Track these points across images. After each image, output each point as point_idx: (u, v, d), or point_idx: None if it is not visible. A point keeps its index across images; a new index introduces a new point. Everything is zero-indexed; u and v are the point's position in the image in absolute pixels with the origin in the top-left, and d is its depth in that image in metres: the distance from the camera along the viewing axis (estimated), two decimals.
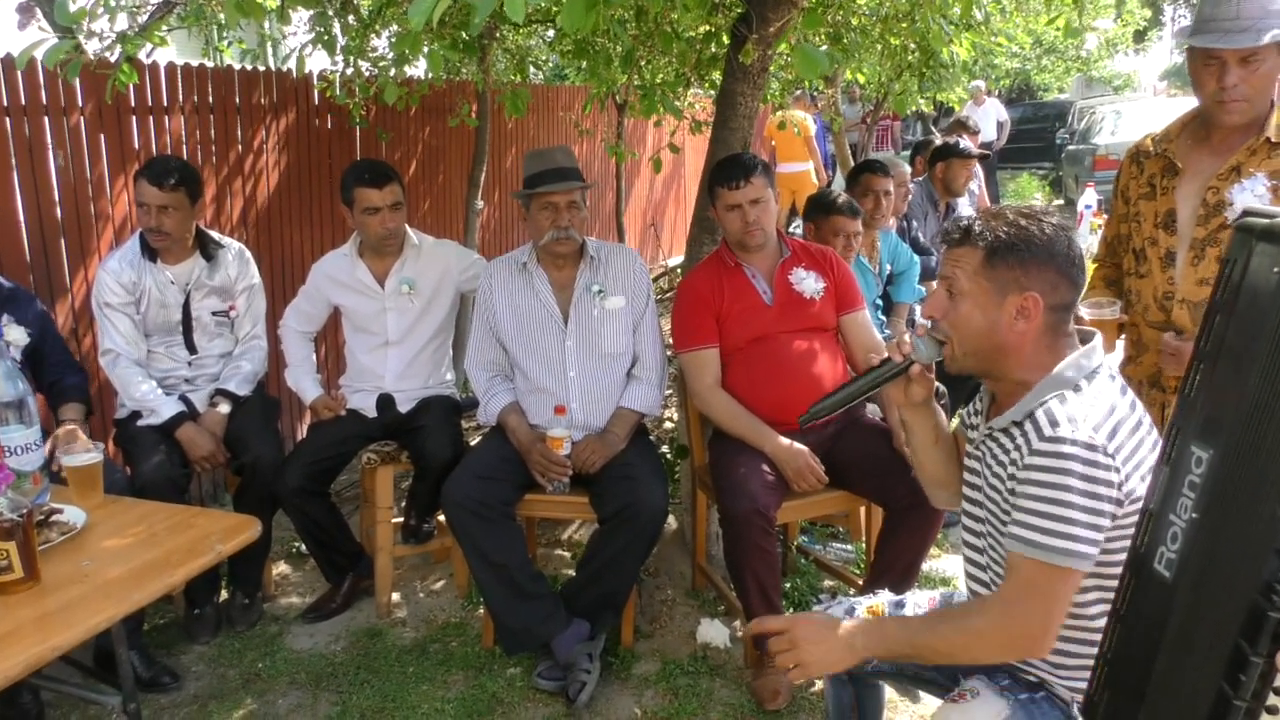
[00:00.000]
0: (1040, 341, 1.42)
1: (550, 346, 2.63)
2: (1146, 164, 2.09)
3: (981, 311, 1.41)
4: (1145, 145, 2.12)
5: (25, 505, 1.62)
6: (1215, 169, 1.96)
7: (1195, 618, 0.82)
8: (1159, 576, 0.84)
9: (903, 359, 1.55)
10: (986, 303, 1.41)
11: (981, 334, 1.42)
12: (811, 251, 2.68)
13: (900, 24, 4.02)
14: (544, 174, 2.56)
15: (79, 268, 3.20)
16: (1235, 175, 1.94)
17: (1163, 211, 2.00)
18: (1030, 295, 1.38)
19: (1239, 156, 1.94)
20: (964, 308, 1.43)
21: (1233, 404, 0.79)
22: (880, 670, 1.77)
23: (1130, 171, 2.13)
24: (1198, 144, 2.01)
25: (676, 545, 3.18)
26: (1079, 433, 1.30)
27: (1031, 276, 1.39)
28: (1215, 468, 0.80)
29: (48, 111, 3.06)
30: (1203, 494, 0.81)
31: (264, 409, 2.88)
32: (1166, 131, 2.07)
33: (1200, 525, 0.81)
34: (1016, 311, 1.40)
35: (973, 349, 1.45)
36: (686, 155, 8.16)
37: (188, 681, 2.55)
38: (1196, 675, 0.81)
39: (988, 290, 1.41)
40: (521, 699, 2.45)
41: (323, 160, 4.21)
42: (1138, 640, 0.87)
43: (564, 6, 1.55)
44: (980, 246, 1.41)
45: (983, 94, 10.91)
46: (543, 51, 6.00)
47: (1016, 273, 1.39)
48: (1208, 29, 1.85)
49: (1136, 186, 2.09)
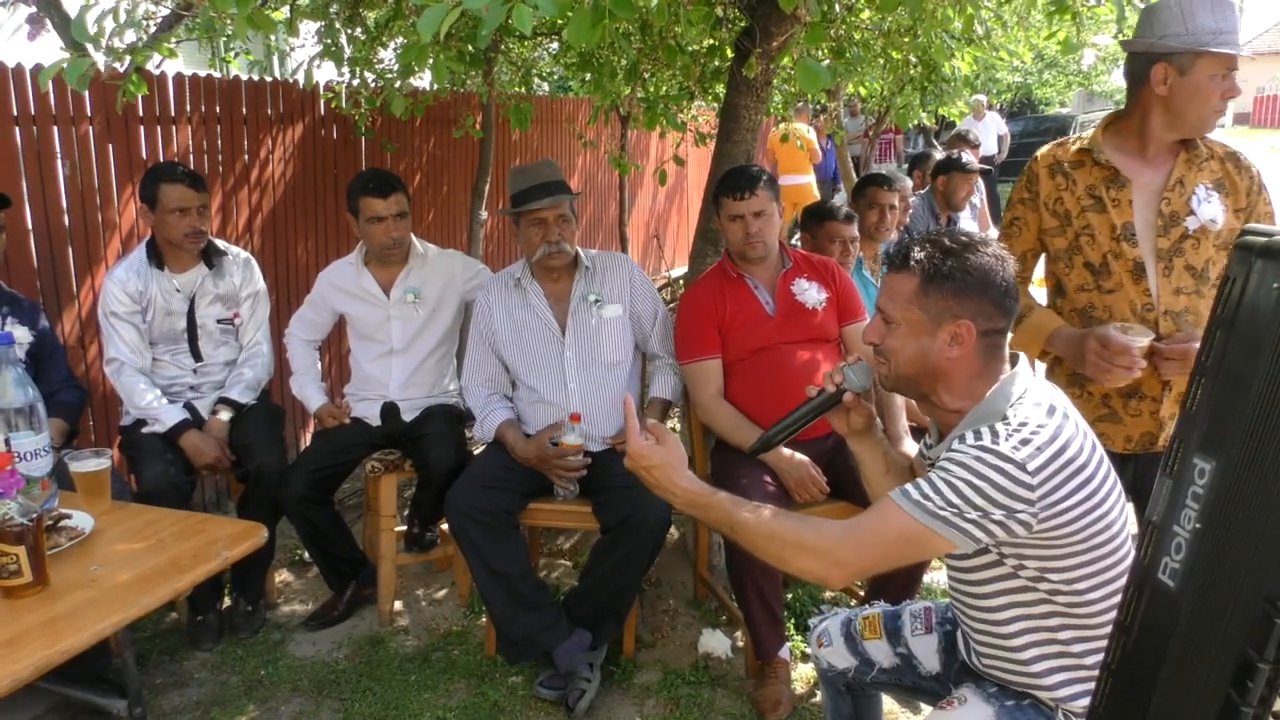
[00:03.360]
0: (973, 367, 1.44)
1: (549, 359, 2.64)
2: (1078, 174, 2.01)
3: (915, 338, 1.44)
4: (1064, 156, 2.04)
5: (34, 510, 1.63)
6: (1156, 180, 1.96)
7: (1201, 626, 0.83)
8: (1164, 587, 0.85)
9: (835, 389, 1.58)
10: (920, 330, 1.43)
11: (915, 359, 1.45)
12: (814, 263, 2.70)
13: (902, 38, 4.04)
14: (529, 190, 2.56)
15: (86, 276, 3.22)
16: (1181, 187, 1.94)
17: (1120, 224, 1.95)
18: (963, 323, 1.41)
19: (1179, 169, 1.95)
20: (899, 334, 1.46)
21: (1235, 417, 0.81)
22: (879, 681, 1.78)
23: (1056, 183, 2.03)
24: (1130, 156, 1.98)
25: (678, 555, 3.19)
26: (999, 444, 1.32)
27: (964, 305, 1.41)
28: (1218, 479, 0.82)
29: (56, 121, 3.09)
30: (1206, 505, 0.82)
31: (269, 417, 2.89)
32: (1094, 144, 2.00)
33: (1205, 535, 0.82)
34: (950, 338, 1.42)
35: (908, 374, 1.47)
36: (690, 167, 8.20)
37: (190, 688, 2.55)
38: (1203, 683, 0.82)
39: (921, 319, 1.43)
40: (523, 708, 2.45)
41: (328, 170, 4.24)
42: (1143, 650, 0.88)
43: (570, 20, 1.57)
44: (916, 274, 1.43)
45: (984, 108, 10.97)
46: (548, 64, 6.04)
47: (950, 302, 1.41)
48: (1228, 40, 1.82)
49: (1073, 199, 2.00)
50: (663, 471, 1.46)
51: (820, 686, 1.95)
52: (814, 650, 1.85)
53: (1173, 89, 1.88)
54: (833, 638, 1.81)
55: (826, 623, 1.85)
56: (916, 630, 1.74)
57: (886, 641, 1.76)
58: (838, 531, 1.38)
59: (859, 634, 1.79)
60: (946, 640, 1.71)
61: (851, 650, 1.79)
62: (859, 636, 1.78)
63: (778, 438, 1.65)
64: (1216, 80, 1.86)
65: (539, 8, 1.40)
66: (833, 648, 1.81)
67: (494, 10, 1.38)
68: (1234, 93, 1.86)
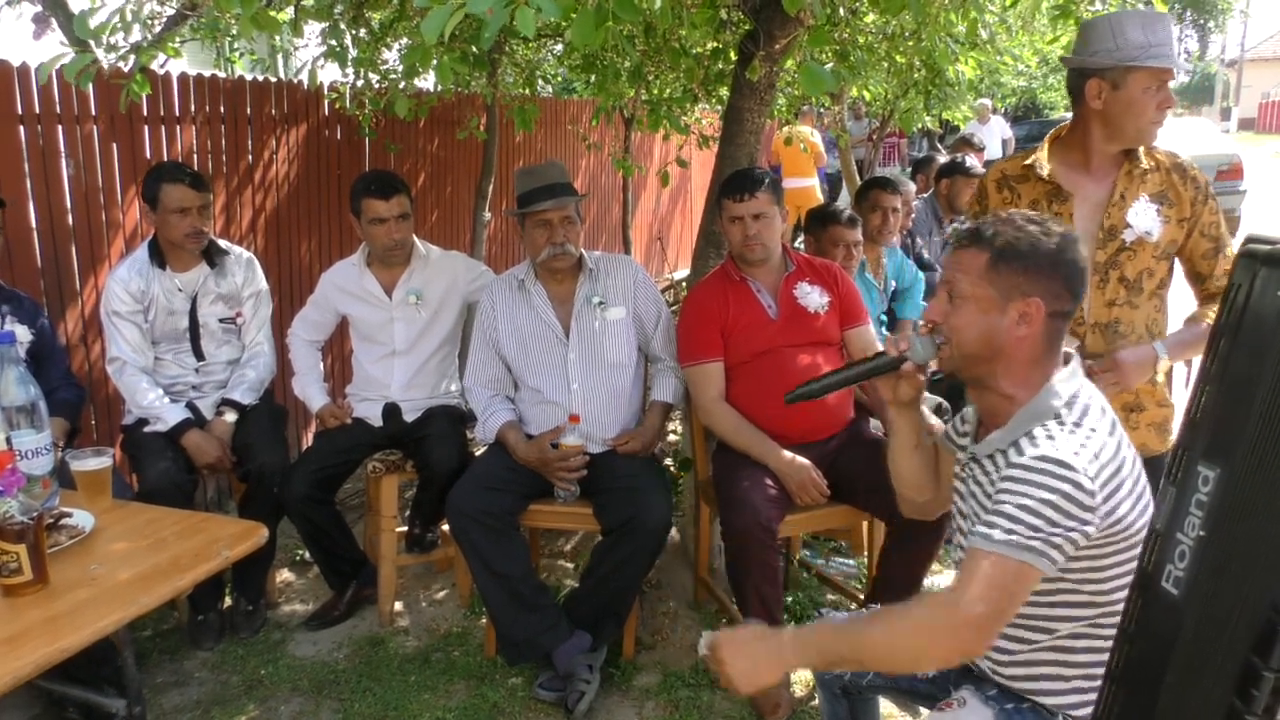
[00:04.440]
0: (1035, 350, 1.41)
1: (553, 360, 2.64)
2: (1022, 189, 2.06)
3: (984, 315, 1.41)
4: (1010, 171, 2.10)
5: (35, 509, 1.63)
6: (1098, 194, 2.00)
7: (1206, 634, 0.83)
8: (1167, 594, 0.85)
9: (897, 354, 1.53)
10: (989, 306, 1.41)
11: (981, 338, 1.42)
12: (816, 266, 2.69)
13: (906, 42, 4.05)
14: (535, 191, 2.55)
15: (89, 275, 3.22)
16: (1123, 200, 1.98)
17: None
18: (1033, 300, 1.38)
19: (1121, 183, 1.99)
20: (966, 311, 1.43)
21: (1239, 424, 0.81)
22: (874, 684, 1.77)
23: (1002, 196, 2.09)
24: (1074, 169, 2.02)
25: (679, 557, 3.18)
26: (1060, 452, 1.30)
27: (1035, 282, 1.38)
28: (1223, 486, 0.82)
29: (61, 120, 3.09)
30: (1210, 512, 0.82)
31: (271, 417, 2.90)
32: (1038, 158, 2.05)
33: (1209, 542, 0.82)
34: (1019, 316, 1.39)
35: (971, 352, 1.44)
36: (693, 169, 8.21)
37: (191, 687, 2.55)
38: (1207, 690, 0.82)
39: (990, 295, 1.40)
40: (523, 709, 2.45)
41: (332, 171, 4.25)
42: (1146, 657, 0.87)
43: (574, 22, 1.57)
44: (987, 250, 1.41)
45: (988, 111, 10.96)
46: (552, 65, 6.05)
47: (1020, 278, 1.39)
48: (1159, 53, 1.87)
49: None
50: (746, 656, 1.41)
51: (817, 690, 1.94)
52: None
53: (1107, 103, 1.92)
54: None
55: None
56: None
57: None
58: (943, 597, 1.31)
59: None
60: None
61: None
62: None
63: (826, 390, 1.61)
64: (1150, 93, 1.89)
65: (542, 10, 1.39)
66: None
67: (497, 12, 1.38)
68: (1169, 104, 1.90)
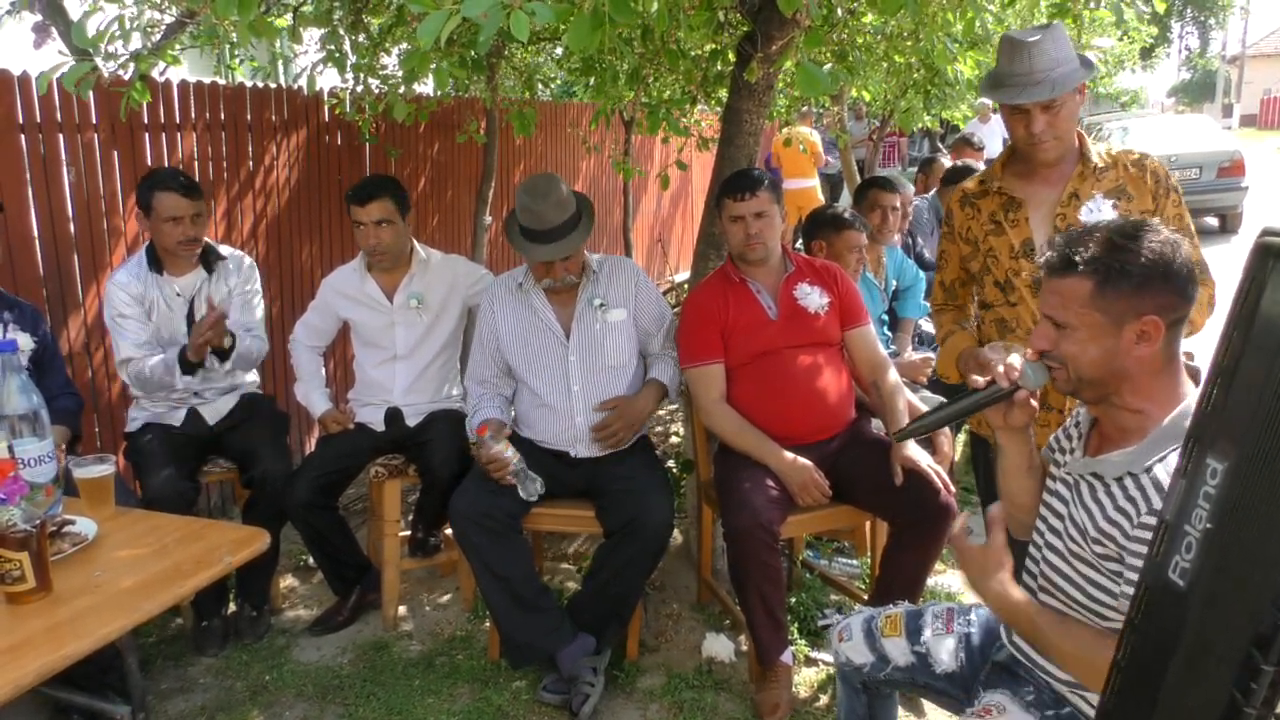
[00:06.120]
0: (1158, 362, 1.35)
1: (553, 362, 2.63)
2: (981, 204, 2.19)
3: (1097, 343, 1.36)
4: (970, 188, 2.24)
5: (38, 516, 1.64)
6: (1053, 197, 2.11)
7: (1208, 626, 0.83)
8: (1173, 585, 0.84)
9: (1010, 384, 1.49)
10: (1102, 333, 1.35)
11: (1099, 362, 1.36)
12: (816, 267, 2.69)
13: (905, 42, 4.05)
14: (536, 235, 2.49)
15: (91, 283, 3.22)
16: (1076, 200, 2.08)
17: (1019, 242, 2.11)
18: (1148, 319, 1.32)
19: (1073, 184, 2.09)
20: (1078, 339, 1.37)
21: (1248, 417, 0.81)
22: (892, 679, 1.78)
23: (966, 214, 2.23)
24: (1026, 178, 2.14)
25: (682, 559, 3.18)
26: None
27: (1148, 300, 1.32)
28: (1230, 479, 0.81)
29: (62, 128, 3.10)
30: (1217, 505, 0.82)
31: (273, 422, 2.90)
32: (990, 173, 2.20)
33: (1214, 535, 0.82)
34: (1137, 337, 1.33)
35: (1091, 377, 1.39)
36: (693, 171, 8.21)
37: (195, 693, 2.55)
38: (1208, 683, 0.82)
39: (1101, 321, 1.34)
40: (527, 712, 2.44)
41: (332, 176, 4.25)
42: (1151, 648, 0.87)
43: (570, 26, 1.57)
44: (1089, 276, 1.34)
45: (988, 111, 10.93)
46: (551, 69, 6.05)
47: (1132, 299, 1.32)
48: (1008, 83, 2.01)
49: (979, 226, 2.19)
50: (976, 568, 1.48)
51: (836, 683, 1.96)
52: (834, 644, 1.87)
53: (1003, 121, 2.12)
54: (853, 633, 1.83)
55: (850, 619, 1.87)
56: (938, 630, 1.74)
57: (906, 639, 1.76)
58: None
59: (879, 631, 1.80)
60: (966, 641, 1.71)
61: (869, 646, 1.80)
62: (879, 633, 1.79)
63: (938, 425, 1.60)
64: (1019, 117, 2.03)
65: (536, 14, 1.39)
66: (852, 643, 1.82)
67: (492, 16, 1.38)
68: (1035, 126, 2.00)
